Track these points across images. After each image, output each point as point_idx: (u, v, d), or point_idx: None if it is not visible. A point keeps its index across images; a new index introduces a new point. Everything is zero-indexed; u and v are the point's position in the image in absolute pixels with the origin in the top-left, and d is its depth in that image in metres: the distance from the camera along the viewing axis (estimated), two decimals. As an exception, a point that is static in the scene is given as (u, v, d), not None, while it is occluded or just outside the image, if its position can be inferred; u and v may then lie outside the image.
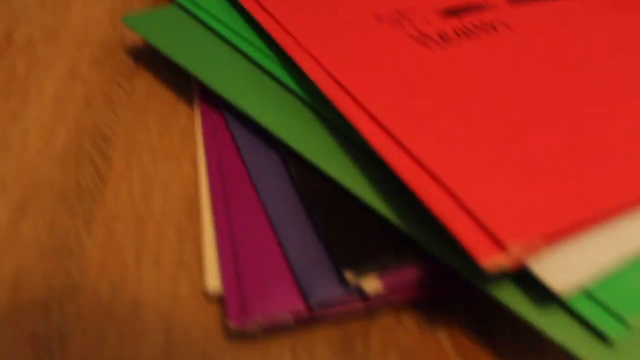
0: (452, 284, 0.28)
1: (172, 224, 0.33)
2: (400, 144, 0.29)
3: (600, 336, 0.24)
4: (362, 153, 0.31)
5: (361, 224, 0.29)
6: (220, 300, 0.30)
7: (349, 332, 0.29)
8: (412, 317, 0.29)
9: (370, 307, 0.28)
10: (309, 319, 0.28)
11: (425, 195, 0.26)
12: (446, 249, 0.27)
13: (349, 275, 0.27)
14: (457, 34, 0.38)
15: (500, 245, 0.24)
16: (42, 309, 0.30)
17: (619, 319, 0.24)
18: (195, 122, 0.39)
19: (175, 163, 0.36)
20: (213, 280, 0.30)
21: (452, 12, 0.41)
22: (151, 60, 0.44)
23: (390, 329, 0.29)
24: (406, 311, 0.29)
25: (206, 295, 0.30)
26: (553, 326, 0.25)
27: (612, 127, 0.30)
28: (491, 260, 0.23)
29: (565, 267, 0.24)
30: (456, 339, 0.28)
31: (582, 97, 0.32)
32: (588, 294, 0.25)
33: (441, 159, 0.28)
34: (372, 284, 0.27)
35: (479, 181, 0.26)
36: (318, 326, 0.29)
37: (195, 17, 0.42)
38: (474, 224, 0.25)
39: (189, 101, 0.40)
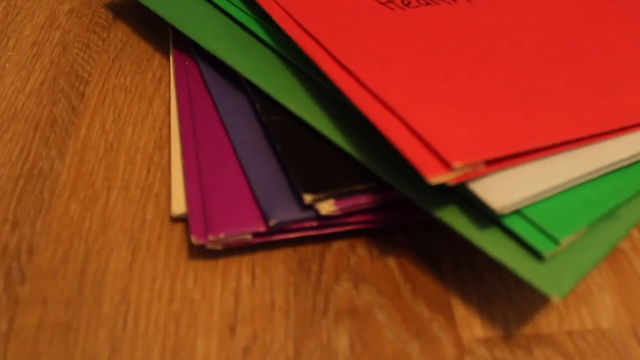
0: (402, 212, 0.30)
1: (142, 155, 0.35)
2: (357, 79, 0.31)
3: (533, 253, 0.26)
4: (321, 91, 0.34)
5: (319, 153, 0.31)
6: (185, 224, 0.32)
7: (305, 256, 0.31)
8: (364, 245, 0.31)
9: (325, 231, 0.30)
10: (268, 235, 0.30)
11: (380, 122, 0.28)
12: (397, 176, 0.29)
13: (307, 198, 0.29)
14: (418, 2, 0.40)
15: (445, 164, 0.26)
16: (13, 224, 0.32)
17: (552, 238, 0.26)
18: (170, 68, 0.40)
19: (148, 103, 0.38)
20: (179, 203, 0.31)
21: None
22: (128, 14, 0.45)
23: (344, 255, 0.31)
24: (359, 240, 0.31)
25: (172, 219, 0.32)
26: (492, 245, 0.27)
27: (552, 79, 0.32)
28: (436, 177, 0.26)
29: (503, 190, 0.27)
30: (405, 266, 0.30)
31: (527, 54, 0.34)
32: (524, 216, 0.27)
33: (396, 92, 0.30)
34: (327, 207, 0.29)
35: (430, 111, 0.29)
36: (276, 249, 0.31)
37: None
38: (424, 147, 0.27)
39: (163, 52, 0.42)
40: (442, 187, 0.28)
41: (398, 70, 0.31)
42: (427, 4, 0.40)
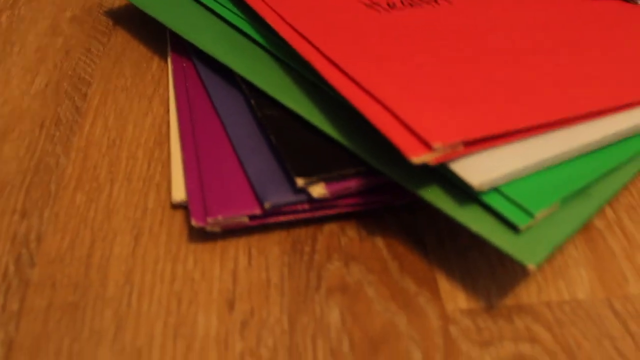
0: (389, 195, 0.32)
1: (144, 150, 0.37)
2: (344, 72, 0.33)
3: (510, 226, 0.28)
4: (311, 86, 0.36)
5: (311, 142, 0.33)
6: (185, 210, 0.34)
7: (298, 237, 0.32)
8: (354, 227, 0.33)
9: (316, 213, 0.32)
10: (263, 218, 0.32)
11: (366, 110, 0.30)
12: (384, 160, 0.31)
13: (299, 182, 0.31)
14: (403, 4, 0.43)
15: (426, 145, 0.28)
16: (22, 214, 0.33)
17: (527, 212, 0.28)
18: (168, 70, 0.42)
19: (147, 102, 0.40)
20: (179, 191, 0.33)
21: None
22: (128, 20, 0.48)
23: (335, 236, 0.33)
24: (349, 222, 0.33)
25: (172, 206, 0.34)
26: (472, 220, 0.29)
27: (526, 72, 0.35)
28: (418, 157, 0.28)
29: (482, 169, 0.29)
30: (392, 245, 0.32)
31: (502, 50, 0.37)
32: (501, 193, 0.29)
33: (381, 83, 0.32)
34: (318, 190, 0.31)
35: (412, 98, 0.31)
36: (271, 232, 0.33)
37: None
38: (406, 130, 0.29)
39: (161, 55, 0.44)
40: (424, 168, 0.30)
41: (384, 65, 0.34)
42: (411, 5, 0.42)
